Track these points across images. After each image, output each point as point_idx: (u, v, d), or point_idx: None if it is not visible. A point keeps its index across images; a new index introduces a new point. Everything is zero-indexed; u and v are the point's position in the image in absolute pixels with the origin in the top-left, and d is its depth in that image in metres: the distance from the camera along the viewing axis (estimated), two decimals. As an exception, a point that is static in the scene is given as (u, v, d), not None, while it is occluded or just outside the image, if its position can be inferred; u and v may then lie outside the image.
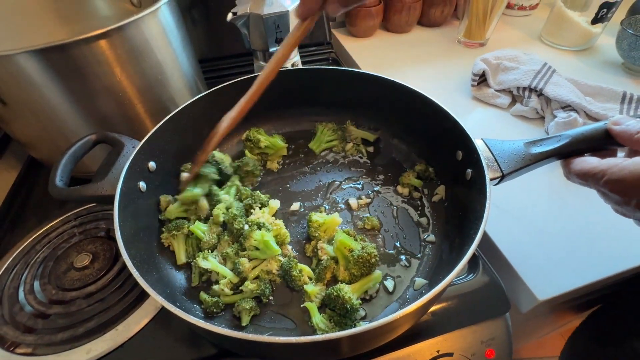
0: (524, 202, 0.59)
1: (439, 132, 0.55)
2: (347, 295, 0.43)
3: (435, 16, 1.05)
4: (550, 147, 0.43)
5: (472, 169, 0.47)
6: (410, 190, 0.59)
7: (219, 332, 0.32)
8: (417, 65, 0.93)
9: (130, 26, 0.53)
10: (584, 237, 0.54)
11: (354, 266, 0.45)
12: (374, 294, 0.48)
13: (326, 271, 0.48)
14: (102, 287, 0.50)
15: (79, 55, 0.51)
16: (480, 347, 0.46)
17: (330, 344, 0.33)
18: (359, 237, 0.51)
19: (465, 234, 0.45)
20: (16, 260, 0.54)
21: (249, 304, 0.45)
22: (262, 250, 0.48)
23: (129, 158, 0.47)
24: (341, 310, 0.43)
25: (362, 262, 0.45)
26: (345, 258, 0.47)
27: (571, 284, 0.49)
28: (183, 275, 0.50)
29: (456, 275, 0.35)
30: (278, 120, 0.71)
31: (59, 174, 0.45)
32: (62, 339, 0.45)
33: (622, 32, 0.82)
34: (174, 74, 0.65)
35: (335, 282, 0.48)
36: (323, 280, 0.48)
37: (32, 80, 0.50)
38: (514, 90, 0.78)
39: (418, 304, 0.33)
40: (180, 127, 0.57)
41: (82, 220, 0.59)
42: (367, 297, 0.47)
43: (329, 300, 0.44)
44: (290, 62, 0.77)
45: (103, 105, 0.58)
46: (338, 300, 0.43)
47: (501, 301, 0.48)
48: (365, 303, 0.47)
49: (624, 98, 0.71)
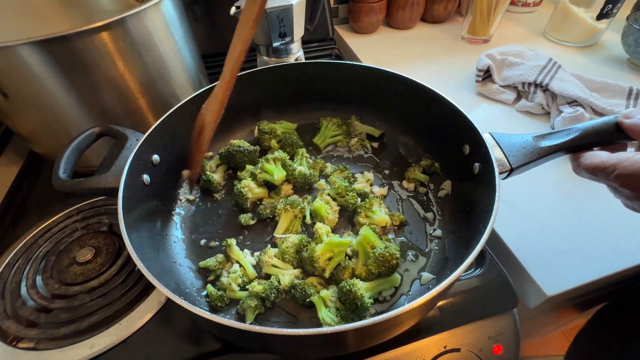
0: (531, 197, 0.59)
1: (445, 126, 0.55)
2: (360, 291, 0.42)
3: (439, 12, 1.04)
4: (559, 141, 0.42)
5: (480, 163, 0.47)
6: (416, 185, 0.59)
7: (226, 324, 0.31)
8: (421, 62, 0.92)
9: (132, 18, 0.53)
10: (592, 232, 0.54)
11: (372, 263, 0.45)
12: (388, 297, 0.46)
13: (344, 272, 0.47)
14: (105, 281, 0.49)
15: (81, 47, 0.50)
16: (487, 343, 0.46)
17: (336, 337, 0.33)
18: (385, 237, 0.50)
19: (472, 229, 0.45)
20: (18, 254, 0.54)
21: (254, 301, 0.44)
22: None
23: (133, 151, 0.47)
24: (351, 305, 0.42)
25: (382, 262, 0.44)
26: (365, 254, 0.46)
27: (579, 279, 0.49)
28: (187, 270, 0.50)
29: (464, 270, 0.34)
30: (281, 114, 0.70)
31: (62, 166, 0.45)
32: (64, 334, 0.45)
33: (627, 27, 0.81)
34: (177, 67, 0.65)
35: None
36: (339, 282, 0.46)
37: (34, 72, 0.50)
38: (519, 85, 0.77)
39: (425, 298, 0.32)
40: (184, 121, 0.56)
41: (85, 215, 0.58)
42: (380, 299, 0.46)
43: (340, 293, 0.43)
44: (293, 57, 0.76)
45: (105, 99, 0.57)
46: (349, 295, 0.42)
47: (509, 296, 0.48)
48: (378, 304, 0.46)
49: (630, 94, 0.71)
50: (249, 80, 0.61)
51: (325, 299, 0.44)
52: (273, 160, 0.59)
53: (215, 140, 0.64)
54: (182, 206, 0.57)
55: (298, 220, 0.53)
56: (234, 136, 0.67)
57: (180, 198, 0.58)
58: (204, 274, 0.50)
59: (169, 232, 0.53)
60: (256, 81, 0.63)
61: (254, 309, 0.44)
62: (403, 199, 0.57)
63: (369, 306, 0.42)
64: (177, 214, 0.56)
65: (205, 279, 0.49)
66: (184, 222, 0.56)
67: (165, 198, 0.55)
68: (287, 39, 0.72)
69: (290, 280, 0.47)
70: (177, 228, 0.54)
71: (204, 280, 0.49)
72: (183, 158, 0.58)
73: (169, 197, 0.56)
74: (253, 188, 0.56)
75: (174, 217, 0.55)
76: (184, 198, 0.58)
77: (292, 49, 0.75)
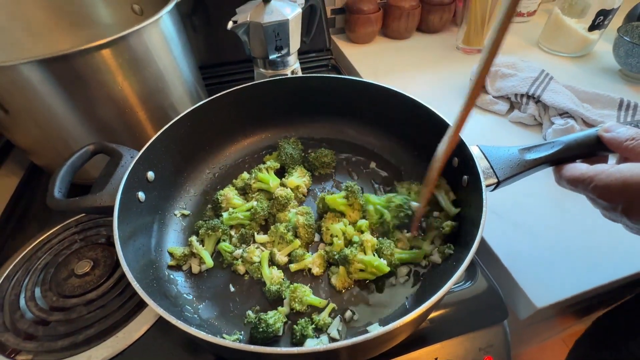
0: (521, 208, 0.60)
1: (433, 138, 0.55)
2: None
3: (434, 23, 1.06)
4: (543, 154, 0.43)
5: (468, 176, 0.48)
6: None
7: (221, 344, 0.32)
8: (416, 72, 0.94)
9: (132, 36, 0.54)
10: (581, 244, 0.55)
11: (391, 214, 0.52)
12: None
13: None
14: (103, 293, 0.50)
15: (81, 64, 0.51)
16: (478, 355, 0.46)
17: (329, 354, 0.33)
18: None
19: (462, 241, 0.46)
20: (17, 267, 0.55)
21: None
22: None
23: (128, 168, 0.47)
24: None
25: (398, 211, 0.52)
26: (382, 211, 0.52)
27: (569, 290, 0.50)
28: (182, 286, 0.50)
29: (454, 282, 0.35)
30: (272, 128, 0.71)
31: (58, 185, 0.45)
32: (62, 346, 0.45)
33: (618, 39, 0.83)
34: (175, 81, 0.66)
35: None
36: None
37: (35, 89, 0.51)
38: (511, 96, 0.79)
39: (416, 312, 0.33)
40: (179, 136, 0.57)
41: (83, 227, 0.59)
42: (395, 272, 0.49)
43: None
44: (290, 69, 0.78)
45: (105, 113, 0.58)
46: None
47: (499, 308, 0.49)
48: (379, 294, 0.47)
49: (621, 105, 0.72)
50: (244, 93, 0.62)
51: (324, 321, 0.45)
52: (266, 170, 0.61)
53: (209, 155, 0.66)
54: (177, 221, 0.58)
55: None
56: (228, 151, 0.68)
57: (175, 213, 0.58)
58: (199, 287, 0.51)
59: (164, 248, 0.54)
60: (251, 94, 0.64)
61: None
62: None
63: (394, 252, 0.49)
64: (172, 230, 0.57)
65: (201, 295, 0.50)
66: (179, 238, 0.56)
67: (160, 214, 0.56)
68: (284, 52, 0.73)
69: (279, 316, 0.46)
70: (173, 243, 0.55)
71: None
72: (178, 173, 0.59)
73: (164, 212, 0.57)
74: (230, 198, 0.58)
75: (169, 233, 0.56)
76: (179, 213, 0.59)
77: (288, 62, 0.76)
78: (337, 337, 0.44)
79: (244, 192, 0.61)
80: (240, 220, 0.55)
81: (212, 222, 0.54)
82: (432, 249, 0.50)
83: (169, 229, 0.56)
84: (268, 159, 0.66)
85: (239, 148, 0.69)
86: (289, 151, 0.64)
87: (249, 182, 0.60)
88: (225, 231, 0.54)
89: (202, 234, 0.53)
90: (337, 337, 0.44)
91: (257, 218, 0.55)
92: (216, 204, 0.58)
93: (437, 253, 0.49)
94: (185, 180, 0.62)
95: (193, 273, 0.52)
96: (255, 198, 0.59)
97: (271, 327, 0.43)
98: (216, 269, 0.52)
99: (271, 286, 0.48)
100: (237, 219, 0.55)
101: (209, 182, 0.64)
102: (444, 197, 0.52)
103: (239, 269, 0.51)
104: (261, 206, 0.56)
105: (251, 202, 0.58)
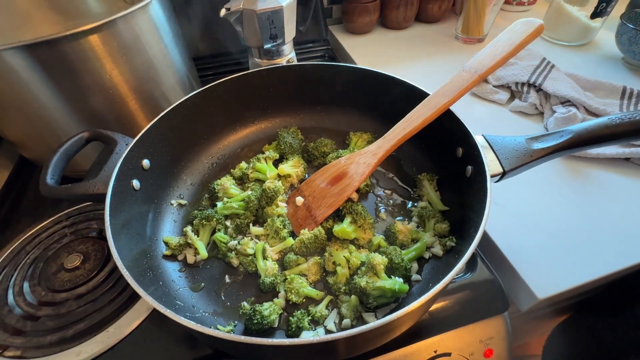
0: (523, 199, 0.58)
1: (438, 128, 0.54)
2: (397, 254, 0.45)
3: (433, 12, 1.03)
4: (552, 143, 0.42)
5: (472, 166, 0.46)
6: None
7: (212, 334, 0.31)
8: (415, 62, 0.92)
9: (120, 21, 0.52)
10: (583, 235, 0.53)
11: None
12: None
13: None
14: (93, 288, 0.49)
15: (68, 51, 0.50)
16: (478, 347, 0.45)
17: (326, 345, 0.32)
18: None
19: (464, 232, 0.44)
20: (6, 261, 0.53)
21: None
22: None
23: (122, 156, 0.46)
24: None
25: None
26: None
27: (571, 282, 0.48)
28: (177, 275, 0.49)
29: (456, 274, 0.34)
30: (269, 116, 0.70)
31: (50, 171, 0.44)
32: (51, 342, 0.44)
33: (621, 26, 0.81)
34: (166, 70, 0.64)
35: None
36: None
37: (21, 77, 0.49)
38: (512, 85, 0.77)
39: (417, 303, 0.32)
40: (176, 125, 0.56)
41: (74, 221, 0.58)
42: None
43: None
44: (285, 58, 0.76)
45: (94, 103, 0.57)
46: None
47: (500, 300, 0.47)
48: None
49: (624, 93, 0.70)
50: (238, 83, 0.61)
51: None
52: (265, 160, 0.60)
53: (207, 144, 0.64)
54: (174, 211, 0.57)
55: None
56: (226, 140, 0.66)
57: (172, 202, 0.57)
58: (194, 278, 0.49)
59: (159, 238, 0.52)
60: (245, 83, 0.62)
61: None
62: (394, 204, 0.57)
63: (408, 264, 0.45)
64: (168, 219, 0.55)
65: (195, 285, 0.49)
66: (175, 228, 0.55)
67: (156, 203, 0.54)
68: (278, 41, 0.71)
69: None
70: (168, 233, 0.54)
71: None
72: (174, 161, 0.58)
73: (160, 202, 0.56)
74: (228, 188, 0.56)
75: (165, 222, 0.55)
76: (176, 202, 0.57)
77: (283, 51, 0.74)
78: (334, 329, 0.43)
79: (242, 182, 0.60)
80: (235, 210, 0.54)
81: (206, 212, 0.52)
82: (433, 241, 0.49)
83: (165, 219, 0.55)
84: (267, 149, 0.65)
85: (238, 138, 0.67)
86: (288, 140, 0.62)
87: (246, 172, 0.59)
88: (220, 221, 0.53)
89: (196, 224, 0.52)
90: (334, 329, 0.43)
91: (251, 207, 0.54)
92: (213, 193, 0.57)
93: (439, 245, 0.48)
94: (183, 169, 0.60)
95: (188, 263, 0.50)
96: (251, 188, 0.57)
97: (266, 318, 0.41)
98: (212, 259, 0.51)
99: (265, 278, 0.46)
100: (231, 208, 0.54)
101: (207, 171, 0.63)
102: (431, 190, 0.53)
103: (232, 261, 0.50)
104: (255, 195, 0.54)
105: (246, 192, 0.56)
